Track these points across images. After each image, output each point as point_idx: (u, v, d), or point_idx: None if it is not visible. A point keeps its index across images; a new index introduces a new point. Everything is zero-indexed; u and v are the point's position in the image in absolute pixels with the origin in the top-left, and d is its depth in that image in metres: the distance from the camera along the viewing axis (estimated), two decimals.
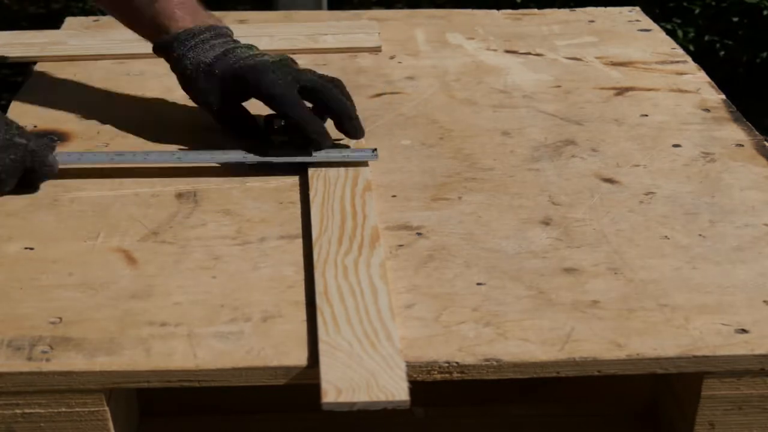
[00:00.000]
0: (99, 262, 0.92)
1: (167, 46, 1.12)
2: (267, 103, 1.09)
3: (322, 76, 1.11)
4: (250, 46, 1.13)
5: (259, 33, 1.45)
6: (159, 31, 1.13)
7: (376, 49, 1.42)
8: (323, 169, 1.06)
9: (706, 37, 2.63)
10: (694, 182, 1.07)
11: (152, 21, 1.14)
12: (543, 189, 1.05)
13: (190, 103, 1.15)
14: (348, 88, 1.11)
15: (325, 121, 1.09)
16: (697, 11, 2.63)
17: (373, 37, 1.45)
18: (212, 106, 1.11)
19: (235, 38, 1.15)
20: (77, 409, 0.80)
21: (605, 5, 1.62)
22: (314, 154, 1.07)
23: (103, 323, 0.84)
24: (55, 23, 1.49)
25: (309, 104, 1.09)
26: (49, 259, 0.93)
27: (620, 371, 0.80)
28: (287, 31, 1.46)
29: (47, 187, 1.05)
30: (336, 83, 1.11)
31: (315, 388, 0.76)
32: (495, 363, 0.80)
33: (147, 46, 1.16)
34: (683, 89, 1.29)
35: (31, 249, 0.94)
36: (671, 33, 2.45)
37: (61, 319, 0.84)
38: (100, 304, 0.86)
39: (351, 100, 1.11)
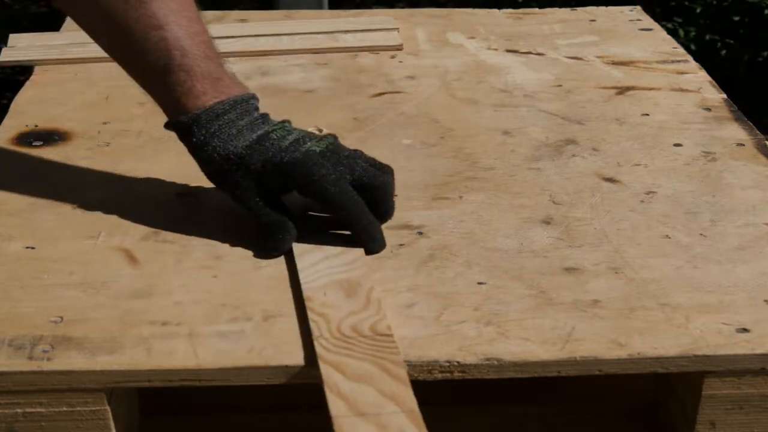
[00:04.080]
0: (100, 262, 0.92)
1: (185, 129, 0.95)
2: (317, 200, 0.94)
3: (374, 164, 0.97)
4: (284, 127, 0.96)
5: (277, 30, 1.44)
6: (175, 109, 0.95)
7: (397, 47, 1.41)
8: None
9: (707, 37, 2.62)
10: (695, 181, 1.07)
11: (168, 92, 0.95)
12: (544, 188, 1.05)
13: None
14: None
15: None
16: (698, 10, 2.63)
17: (393, 34, 1.44)
18: (248, 204, 0.95)
19: (261, 111, 0.97)
20: (78, 409, 0.80)
21: (606, 4, 1.61)
22: None
23: (104, 322, 0.84)
24: (56, 22, 1.49)
25: None
26: (50, 258, 0.93)
27: (621, 371, 0.80)
28: (306, 29, 1.45)
29: (48, 186, 1.05)
30: (387, 170, 0.97)
31: (315, 388, 0.76)
32: (496, 362, 0.79)
33: None
34: (684, 88, 1.29)
35: (32, 248, 0.94)
36: (672, 32, 2.44)
37: (62, 318, 0.84)
38: (101, 304, 0.86)
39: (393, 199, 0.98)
